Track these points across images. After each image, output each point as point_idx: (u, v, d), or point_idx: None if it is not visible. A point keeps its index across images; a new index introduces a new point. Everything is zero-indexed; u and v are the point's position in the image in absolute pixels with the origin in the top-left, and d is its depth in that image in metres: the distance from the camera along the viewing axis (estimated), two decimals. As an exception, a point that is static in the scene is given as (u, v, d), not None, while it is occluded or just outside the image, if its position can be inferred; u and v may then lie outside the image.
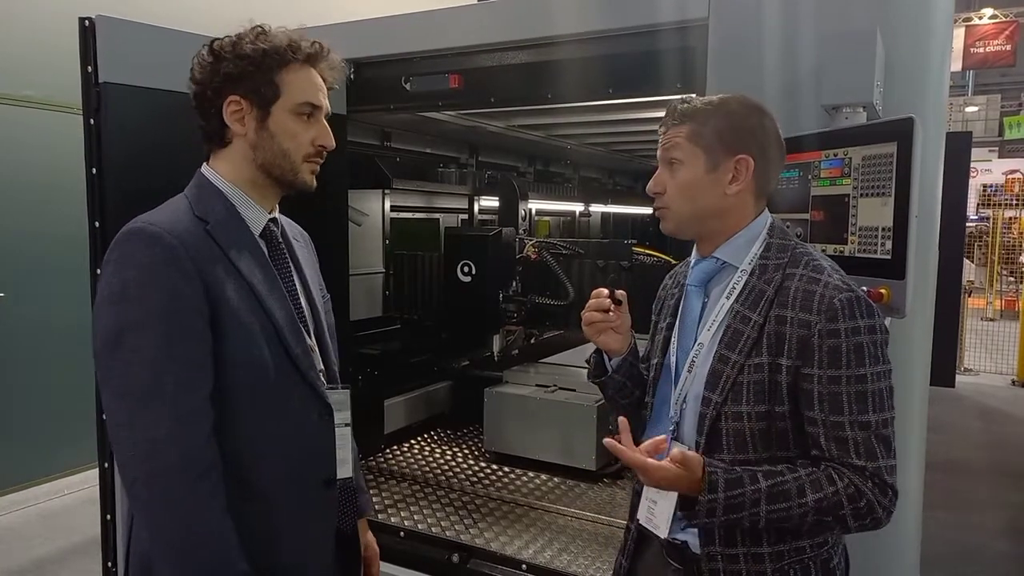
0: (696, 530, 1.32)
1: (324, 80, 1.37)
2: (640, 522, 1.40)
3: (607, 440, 1.24)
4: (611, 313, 1.42)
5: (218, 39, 1.31)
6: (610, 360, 1.50)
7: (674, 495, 1.30)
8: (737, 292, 1.30)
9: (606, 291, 1.39)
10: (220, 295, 1.22)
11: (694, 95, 1.38)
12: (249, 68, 1.28)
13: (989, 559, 3.84)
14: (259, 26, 1.32)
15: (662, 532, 1.33)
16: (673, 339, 1.41)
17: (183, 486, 1.15)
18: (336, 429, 1.39)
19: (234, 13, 1.44)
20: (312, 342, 1.39)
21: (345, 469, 1.41)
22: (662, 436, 1.30)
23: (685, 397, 1.34)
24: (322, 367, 1.41)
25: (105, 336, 1.18)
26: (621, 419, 1.28)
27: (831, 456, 1.21)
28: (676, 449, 1.23)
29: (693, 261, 1.41)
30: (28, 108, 4.24)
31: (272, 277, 1.32)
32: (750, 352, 1.26)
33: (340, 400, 1.40)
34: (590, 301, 1.42)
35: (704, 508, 1.19)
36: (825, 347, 1.20)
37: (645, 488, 1.37)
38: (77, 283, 4.22)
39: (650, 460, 1.20)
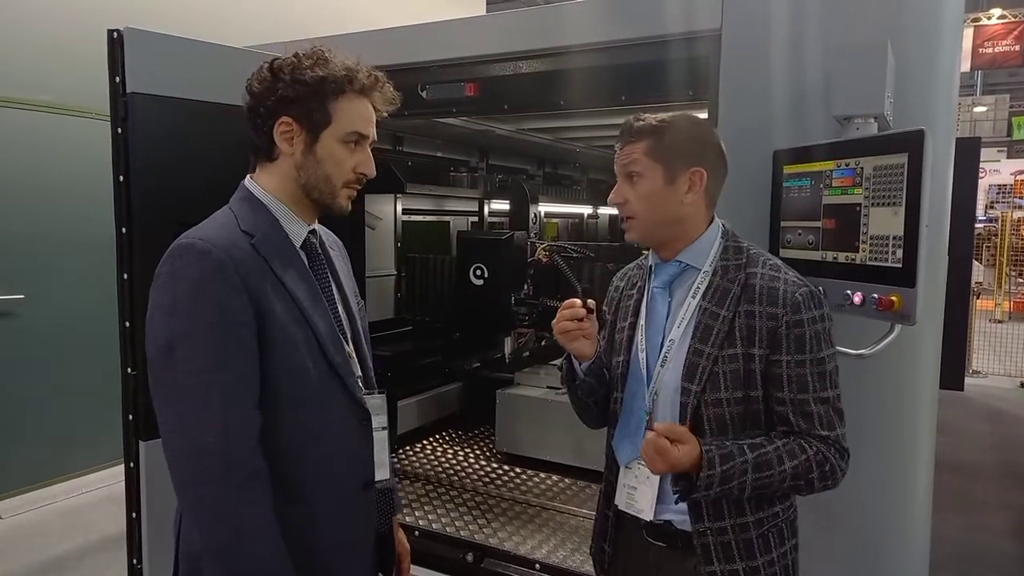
0: (679, 508, 1.44)
1: (375, 110, 1.39)
2: (620, 508, 1.52)
3: (655, 431, 1.34)
4: (584, 321, 1.48)
5: (279, 58, 1.34)
6: (580, 364, 1.56)
7: (655, 481, 1.44)
8: (702, 291, 1.43)
9: (579, 301, 1.46)
10: (266, 307, 1.26)
11: (647, 115, 1.46)
12: (305, 93, 1.30)
13: (996, 561, 3.86)
14: (320, 49, 1.34)
15: (647, 515, 1.46)
16: (639, 337, 1.51)
17: (229, 490, 1.19)
18: (374, 433, 1.42)
19: (253, 22, 1.47)
20: (350, 349, 1.43)
21: (382, 471, 1.45)
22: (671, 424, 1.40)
23: (657, 390, 1.46)
24: (360, 373, 1.44)
25: (156, 347, 1.22)
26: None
27: (800, 429, 1.37)
28: (666, 425, 1.35)
29: (653, 265, 1.53)
30: (45, 113, 4.30)
31: (314, 288, 1.36)
32: (723, 344, 1.39)
33: (377, 405, 1.44)
34: (563, 311, 1.48)
35: (703, 482, 1.32)
36: (792, 336, 1.36)
37: (622, 476, 1.52)
38: (94, 285, 4.33)
39: (671, 445, 1.33)
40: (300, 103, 1.31)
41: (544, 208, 4.64)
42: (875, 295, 1.66)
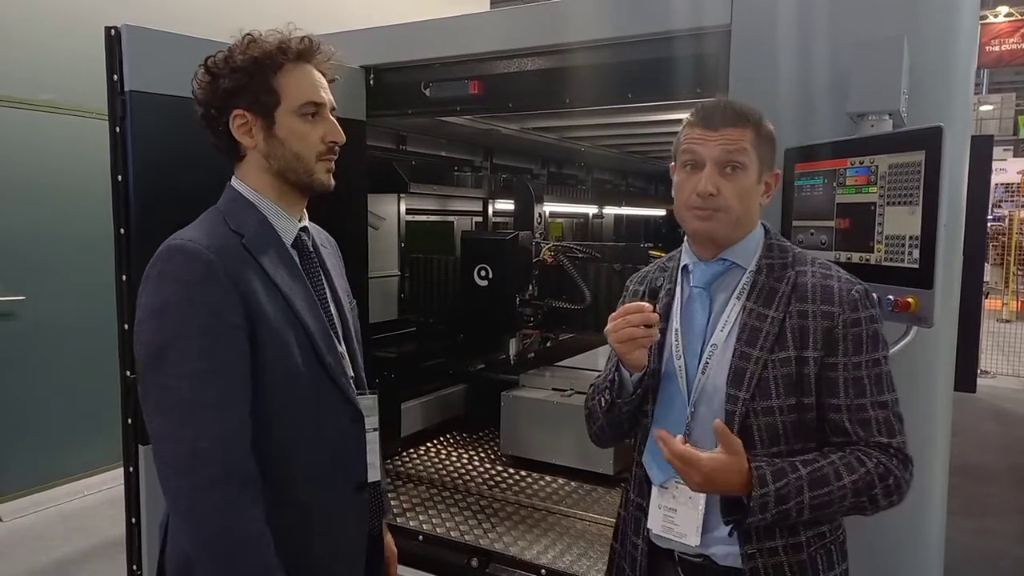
0: (724, 538, 1.31)
1: (324, 74, 1.36)
2: (655, 533, 1.38)
3: (660, 432, 1.25)
4: (654, 328, 1.30)
5: (211, 56, 1.31)
6: (632, 376, 1.38)
7: (699, 500, 1.31)
8: (747, 291, 1.33)
9: (648, 305, 1.30)
10: (257, 308, 1.23)
11: (729, 99, 1.40)
12: (244, 80, 1.28)
13: (1007, 566, 3.81)
14: (248, 34, 1.32)
15: (693, 540, 1.33)
16: (674, 343, 1.39)
17: (225, 496, 1.17)
18: (366, 434, 1.41)
19: (254, 20, 1.44)
20: (343, 349, 1.41)
21: (374, 472, 1.43)
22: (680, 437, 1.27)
23: (698, 400, 1.34)
24: (352, 373, 1.42)
25: (147, 351, 1.20)
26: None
27: (857, 438, 1.26)
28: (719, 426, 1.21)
29: (690, 264, 1.41)
30: (47, 112, 4.28)
31: (305, 287, 1.34)
32: (773, 347, 1.28)
33: (369, 405, 1.42)
34: (632, 316, 1.28)
35: (757, 504, 1.20)
36: (850, 336, 1.27)
37: (656, 496, 1.38)
38: (95, 286, 4.28)
39: (703, 453, 1.21)
40: (244, 91, 1.28)
41: (549, 208, 4.59)
42: (891, 296, 1.62)
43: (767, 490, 1.20)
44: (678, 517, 1.35)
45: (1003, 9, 14.80)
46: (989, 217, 12.44)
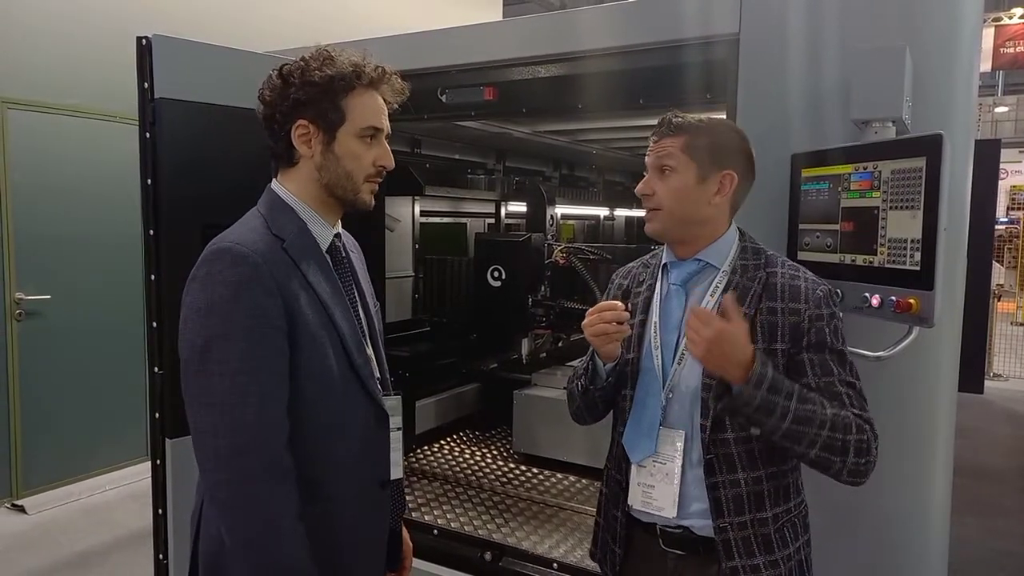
0: (699, 512, 1.44)
1: (386, 102, 1.42)
2: (635, 507, 1.51)
3: (694, 308, 1.34)
4: (625, 324, 1.44)
5: (287, 63, 1.37)
6: (605, 365, 1.53)
7: (674, 476, 1.44)
8: (722, 289, 1.45)
9: (620, 304, 1.44)
10: (297, 310, 1.28)
11: (684, 114, 1.49)
12: (316, 94, 1.32)
13: (1015, 566, 3.83)
14: (325, 50, 1.36)
15: (670, 513, 1.45)
16: (651, 335, 1.52)
17: (262, 489, 1.22)
18: (391, 433, 1.45)
19: (275, 27, 1.50)
20: (370, 351, 1.45)
21: (397, 470, 1.47)
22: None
23: (673, 388, 1.47)
24: (378, 375, 1.47)
25: (192, 348, 1.25)
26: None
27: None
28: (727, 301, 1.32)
29: (668, 263, 1.55)
30: (72, 117, 4.38)
31: (339, 291, 1.39)
32: None
33: (393, 406, 1.46)
34: (603, 313, 1.43)
35: (755, 377, 1.27)
36: (814, 330, 1.40)
37: (635, 474, 1.50)
38: (119, 286, 4.41)
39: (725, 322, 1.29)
40: (313, 104, 1.33)
41: (561, 210, 4.65)
42: (893, 297, 1.66)
43: (766, 371, 1.29)
44: (656, 492, 1.47)
45: (1018, 11, 14.70)
46: (1005, 220, 12.36)
